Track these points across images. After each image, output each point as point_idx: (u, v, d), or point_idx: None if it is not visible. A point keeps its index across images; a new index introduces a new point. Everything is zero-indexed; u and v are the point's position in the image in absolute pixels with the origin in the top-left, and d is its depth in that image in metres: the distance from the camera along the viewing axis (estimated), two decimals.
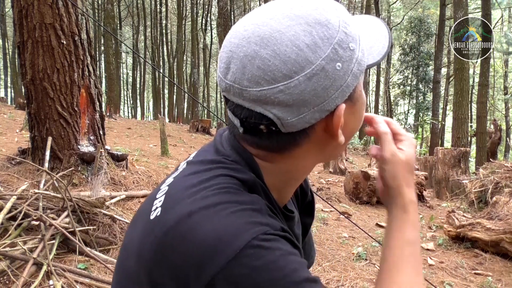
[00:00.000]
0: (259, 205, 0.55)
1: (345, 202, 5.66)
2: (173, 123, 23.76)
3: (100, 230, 2.91)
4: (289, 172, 0.63)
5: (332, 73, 0.53)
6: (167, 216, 0.55)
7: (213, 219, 0.51)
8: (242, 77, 0.54)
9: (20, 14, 3.91)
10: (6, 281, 2.17)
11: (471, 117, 18.75)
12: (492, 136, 9.59)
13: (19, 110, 13.31)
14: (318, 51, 0.53)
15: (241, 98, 0.55)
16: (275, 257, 0.49)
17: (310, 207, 0.84)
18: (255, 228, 0.50)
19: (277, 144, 0.58)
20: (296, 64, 0.52)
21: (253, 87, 0.53)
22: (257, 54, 0.53)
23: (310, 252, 0.90)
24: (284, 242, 0.52)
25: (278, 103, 0.53)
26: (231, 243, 0.49)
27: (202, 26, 29.97)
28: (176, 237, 0.52)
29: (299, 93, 0.53)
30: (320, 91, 0.53)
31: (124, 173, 4.31)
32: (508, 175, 4.93)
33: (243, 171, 0.59)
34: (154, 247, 0.54)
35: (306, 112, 0.54)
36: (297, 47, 0.52)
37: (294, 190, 0.69)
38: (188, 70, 32.38)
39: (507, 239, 3.48)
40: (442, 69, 21.28)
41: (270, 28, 0.53)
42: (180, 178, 0.62)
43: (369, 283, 2.90)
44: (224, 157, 0.62)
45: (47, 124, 3.95)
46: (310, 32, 0.53)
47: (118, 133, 12.21)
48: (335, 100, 0.55)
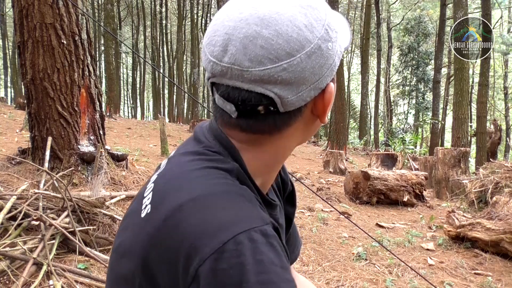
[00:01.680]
0: (249, 196, 0.55)
1: (345, 202, 5.66)
2: (173, 123, 23.77)
3: (100, 230, 2.91)
4: (276, 154, 0.64)
5: (326, 52, 0.57)
6: (157, 212, 0.55)
7: (202, 211, 0.51)
8: (243, 58, 0.54)
9: (20, 14, 3.91)
10: (6, 281, 2.17)
11: (471, 117, 18.75)
12: (492, 136, 9.60)
13: (19, 110, 13.31)
14: (314, 31, 0.56)
15: (240, 79, 0.55)
16: (255, 260, 0.47)
17: (291, 196, 0.84)
18: (243, 222, 0.50)
19: (274, 124, 0.59)
20: (297, 43, 0.55)
21: (255, 67, 0.54)
22: (259, 34, 0.54)
23: (295, 242, 0.90)
24: (271, 246, 0.50)
25: (280, 81, 0.55)
26: (216, 236, 0.48)
27: (202, 26, 29.95)
28: (167, 231, 0.52)
29: (300, 71, 0.55)
30: (317, 69, 0.57)
31: (124, 173, 4.31)
32: (508, 175, 4.93)
33: (225, 161, 0.60)
34: (146, 244, 0.54)
35: (304, 89, 0.57)
36: (297, 27, 0.55)
37: (275, 175, 0.69)
38: (188, 70, 32.38)
39: (507, 239, 3.48)
40: (442, 69, 21.27)
41: (268, 9, 0.55)
42: (164, 173, 0.63)
43: (369, 283, 2.90)
44: (206, 148, 0.62)
45: (47, 124, 3.95)
46: (305, 14, 0.56)
47: (118, 133, 12.21)
48: (326, 78, 0.59)
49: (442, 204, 6.15)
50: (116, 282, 0.61)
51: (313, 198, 5.54)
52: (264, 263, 0.48)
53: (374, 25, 22.54)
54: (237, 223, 0.49)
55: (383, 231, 4.35)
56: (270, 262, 0.48)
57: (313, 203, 5.27)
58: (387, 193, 5.67)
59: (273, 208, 0.69)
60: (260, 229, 0.50)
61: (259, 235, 0.49)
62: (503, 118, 24.05)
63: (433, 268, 3.35)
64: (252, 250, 0.48)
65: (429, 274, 3.19)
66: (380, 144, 19.19)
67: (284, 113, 0.58)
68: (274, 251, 0.50)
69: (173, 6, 32.16)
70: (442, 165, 7.20)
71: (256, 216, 0.52)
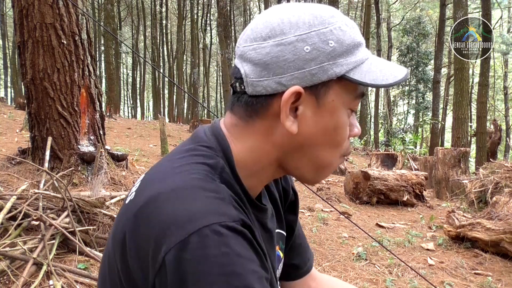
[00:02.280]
0: (223, 194, 0.57)
1: (345, 202, 5.66)
2: (173, 123, 23.76)
3: (100, 230, 2.91)
4: (256, 151, 0.65)
5: (297, 51, 0.59)
6: (138, 198, 0.59)
7: (175, 201, 0.53)
8: (241, 38, 0.64)
9: (20, 14, 3.91)
10: (6, 281, 2.17)
11: (471, 117, 18.76)
12: (492, 136, 9.59)
13: (19, 110, 13.31)
14: (295, 28, 0.60)
15: (235, 56, 0.66)
16: (219, 252, 0.48)
17: (293, 205, 0.86)
18: (211, 216, 0.51)
19: (245, 107, 0.63)
20: (273, 31, 0.60)
21: (242, 44, 0.63)
22: (257, 22, 0.63)
23: (306, 254, 0.90)
24: (238, 239, 0.51)
25: (249, 60, 0.61)
26: (184, 227, 0.50)
27: (202, 26, 29.96)
28: (142, 217, 0.55)
29: (264, 55, 0.60)
30: (281, 61, 0.59)
31: (124, 173, 4.31)
32: (508, 175, 4.93)
33: (212, 157, 0.62)
34: (125, 229, 0.56)
35: (266, 77, 0.60)
36: (281, 20, 0.60)
37: (264, 179, 0.70)
38: (188, 70, 32.37)
39: (507, 239, 3.48)
40: (442, 69, 21.27)
41: (293, 11, 0.62)
42: (155, 166, 0.67)
43: (369, 283, 2.90)
44: (199, 143, 0.65)
45: (47, 124, 3.95)
46: (300, 16, 0.60)
47: (118, 133, 12.21)
48: (292, 79, 0.60)
49: (442, 204, 6.16)
50: (102, 262, 0.65)
51: (313, 198, 5.54)
52: (229, 255, 0.49)
53: (374, 25, 22.54)
54: (204, 216, 0.51)
55: (383, 231, 4.35)
56: (235, 255, 0.49)
57: (313, 203, 5.27)
58: (387, 193, 5.67)
59: (261, 211, 0.70)
60: (227, 224, 0.51)
61: (225, 230, 0.50)
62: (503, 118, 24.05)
63: (433, 268, 3.35)
64: (217, 242, 0.49)
65: (429, 274, 3.19)
66: (380, 144, 19.20)
67: (251, 96, 0.62)
68: (241, 245, 0.51)
69: (173, 6, 32.16)
70: (442, 165, 7.20)
71: (224, 212, 0.53)
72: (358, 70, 0.62)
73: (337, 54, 0.60)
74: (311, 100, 0.61)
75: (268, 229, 0.72)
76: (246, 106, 0.63)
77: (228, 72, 17.70)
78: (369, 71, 0.62)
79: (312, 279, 0.92)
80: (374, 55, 0.66)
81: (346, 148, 0.68)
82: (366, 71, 0.62)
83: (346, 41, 0.61)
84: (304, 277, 0.90)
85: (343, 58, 0.60)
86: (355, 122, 0.68)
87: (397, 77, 0.62)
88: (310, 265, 0.91)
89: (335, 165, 0.68)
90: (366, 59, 0.63)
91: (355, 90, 0.64)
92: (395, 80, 0.62)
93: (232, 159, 0.64)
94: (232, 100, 0.66)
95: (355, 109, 0.67)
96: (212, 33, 32.76)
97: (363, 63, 0.62)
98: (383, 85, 0.62)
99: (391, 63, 0.66)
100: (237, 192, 0.62)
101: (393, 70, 0.64)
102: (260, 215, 0.69)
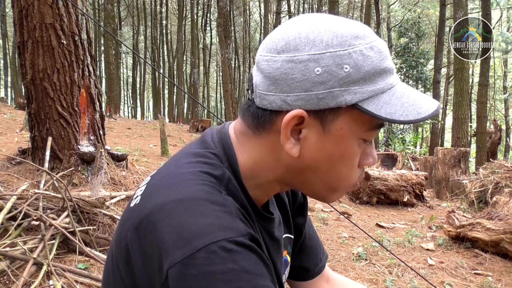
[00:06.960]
0: (230, 207, 0.55)
1: (345, 202, 5.66)
2: (173, 123, 23.75)
3: (100, 230, 2.91)
4: (263, 163, 0.63)
5: (307, 72, 0.55)
6: (144, 204, 0.58)
7: (182, 214, 0.52)
8: (261, 45, 0.62)
9: (20, 14, 3.90)
10: (6, 281, 2.17)
11: (471, 117, 18.75)
12: (492, 136, 9.59)
13: (19, 110, 13.30)
14: (310, 45, 0.55)
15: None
16: (226, 269, 0.48)
17: (302, 208, 0.84)
18: (219, 232, 0.50)
19: (252, 117, 0.61)
20: (287, 45, 0.57)
21: (259, 52, 0.61)
22: (277, 31, 0.60)
23: (317, 255, 0.89)
24: (246, 254, 0.50)
25: (261, 70, 0.59)
26: (191, 242, 0.49)
27: (202, 26, 29.94)
28: (148, 226, 0.54)
29: (275, 69, 0.57)
30: (290, 79, 0.56)
31: (124, 173, 4.31)
32: (508, 175, 4.93)
33: (219, 167, 0.61)
34: (129, 233, 0.56)
35: (273, 92, 0.57)
36: (299, 34, 0.56)
37: (272, 193, 0.69)
38: (188, 70, 32.37)
39: (507, 239, 3.48)
40: (442, 69, 21.26)
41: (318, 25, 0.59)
42: (162, 169, 0.65)
43: (369, 283, 2.90)
44: (208, 150, 0.63)
45: (47, 124, 3.94)
46: (320, 32, 0.56)
47: (118, 133, 12.21)
48: (298, 100, 0.56)
49: (442, 204, 6.16)
50: (106, 263, 0.65)
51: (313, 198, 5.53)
52: (236, 272, 0.48)
53: (374, 25, 22.54)
54: (212, 232, 0.50)
55: (383, 231, 4.35)
56: (243, 271, 0.49)
57: (313, 203, 5.27)
58: (387, 193, 5.67)
59: (268, 221, 0.68)
60: (235, 240, 0.50)
61: (233, 245, 0.49)
62: (503, 118, 24.05)
63: (433, 268, 3.35)
64: (224, 259, 0.48)
65: (429, 274, 3.19)
66: (380, 144, 19.20)
67: (259, 108, 0.60)
68: (249, 260, 0.50)
69: (173, 6, 32.15)
70: (442, 165, 7.20)
71: (232, 227, 0.52)
72: (375, 100, 0.56)
73: (351, 80, 0.55)
74: (316, 125, 0.58)
75: (275, 237, 0.71)
76: (253, 117, 0.61)
77: (227, 72, 17.72)
78: (388, 103, 0.56)
79: (325, 279, 0.90)
80: (405, 85, 0.60)
81: (355, 177, 0.64)
82: (385, 102, 0.56)
83: (365, 67, 0.55)
84: (316, 278, 0.89)
85: (358, 86, 0.55)
86: (371, 151, 0.63)
87: (420, 114, 0.56)
88: (322, 266, 0.90)
89: (342, 192, 0.65)
90: (390, 89, 0.57)
91: (369, 121, 0.58)
92: (416, 118, 0.56)
93: (238, 169, 0.62)
94: (244, 106, 0.64)
95: (369, 140, 0.62)
96: (212, 33, 32.75)
97: (384, 92, 0.57)
98: (400, 121, 0.56)
99: (421, 95, 0.59)
100: (244, 204, 0.61)
101: (419, 105, 0.57)
102: (267, 224, 0.68)
